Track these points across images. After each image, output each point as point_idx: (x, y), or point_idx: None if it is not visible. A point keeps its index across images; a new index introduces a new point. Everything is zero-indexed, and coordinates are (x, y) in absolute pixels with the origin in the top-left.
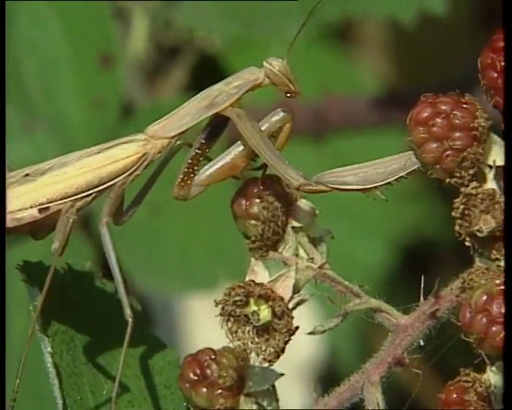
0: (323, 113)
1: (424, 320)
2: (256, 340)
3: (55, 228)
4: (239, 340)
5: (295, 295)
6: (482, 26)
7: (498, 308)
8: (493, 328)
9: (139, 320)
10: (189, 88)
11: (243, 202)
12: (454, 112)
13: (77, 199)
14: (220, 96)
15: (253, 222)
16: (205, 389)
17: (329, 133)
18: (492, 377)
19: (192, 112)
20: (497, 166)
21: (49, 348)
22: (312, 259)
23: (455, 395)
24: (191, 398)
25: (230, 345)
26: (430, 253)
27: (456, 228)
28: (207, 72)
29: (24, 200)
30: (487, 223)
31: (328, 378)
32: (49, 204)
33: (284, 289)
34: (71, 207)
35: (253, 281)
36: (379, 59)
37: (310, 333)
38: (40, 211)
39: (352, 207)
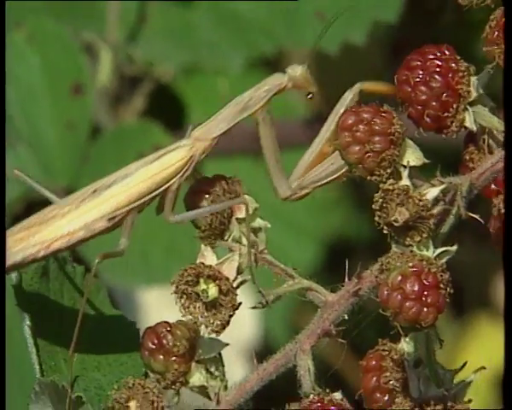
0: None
1: (348, 298)
2: (205, 314)
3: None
4: (191, 314)
5: (239, 276)
6: (394, 55)
7: (411, 287)
8: (406, 303)
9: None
10: (147, 113)
11: (194, 196)
12: (374, 119)
13: (139, 204)
14: (251, 100)
15: None
16: (161, 356)
17: None
18: (406, 346)
19: (229, 116)
20: (411, 166)
21: (28, 322)
22: (253, 245)
23: (374, 362)
24: (150, 364)
25: (183, 319)
26: (350, 250)
27: (376, 219)
28: (163, 98)
29: (95, 213)
30: (402, 214)
31: (265, 353)
32: (116, 212)
33: (229, 270)
34: (135, 210)
35: (202, 263)
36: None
37: (252, 308)
38: (109, 220)
39: (284, 212)
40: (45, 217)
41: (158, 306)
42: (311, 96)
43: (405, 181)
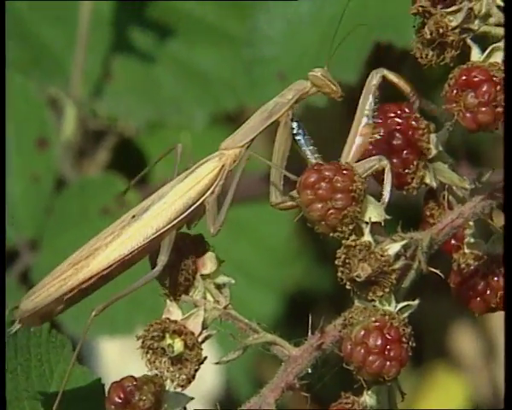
0: (224, 187)
1: (312, 352)
2: (171, 369)
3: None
4: (156, 369)
5: (204, 331)
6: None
7: (374, 341)
8: (370, 358)
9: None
10: (111, 166)
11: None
12: (336, 177)
13: (178, 222)
14: (276, 106)
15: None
16: None
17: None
18: (368, 399)
19: (256, 123)
20: (372, 222)
21: None
22: (218, 301)
23: None
24: None
25: (149, 373)
26: (312, 302)
27: (339, 274)
28: (126, 152)
29: (137, 237)
30: (364, 270)
31: (226, 404)
32: (157, 233)
33: (195, 325)
34: (174, 228)
35: (168, 318)
36: (267, 144)
37: (216, 363)
38: (150, 242)
39: (247, 265)
40: (90, 250)
41: (120, 355)
42: (334, 97)
43: (367, 237)
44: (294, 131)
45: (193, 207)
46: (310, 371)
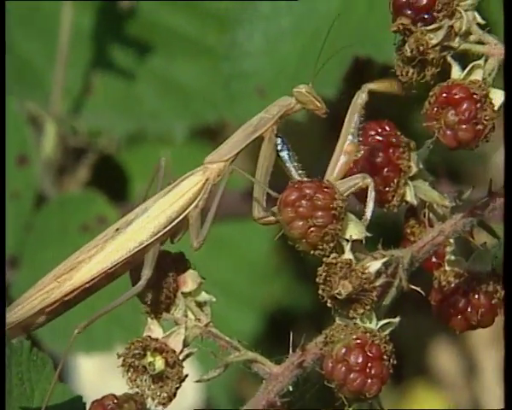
0: (207, 203)
1: (293, 369)
2: (152, 387)
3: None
4: (137, 387)
5: (185, 349)
6: (334, 131)
7: (355, 359)
8: (351, 375)
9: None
10: (91, 183)
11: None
12: (316, 194)
13: (161, 235)
14: (261, 121)
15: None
16: None
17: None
18: None
19: (241, 138)
20: (353, 240)
21: None
22: (199, 319)
23: None
24: None
25: (130, 391)
26: (292, 319)
27: (320, 292)
28: (107, 169)
29: (121, 250)
30: (345, 287)
31: None
32: (140, 246)
33: (176, 343)
34: (157, 241)
35: (149, 336)
36: (248, 160)
37: (197, 381)
38: (134, 254)
39: (228, 283)
40: (73, 263)
41: (100, 372)
42: (318, 113)
43: (348, 254)
44: (279, 147)
45: (176, 221)
46: (291, 388)
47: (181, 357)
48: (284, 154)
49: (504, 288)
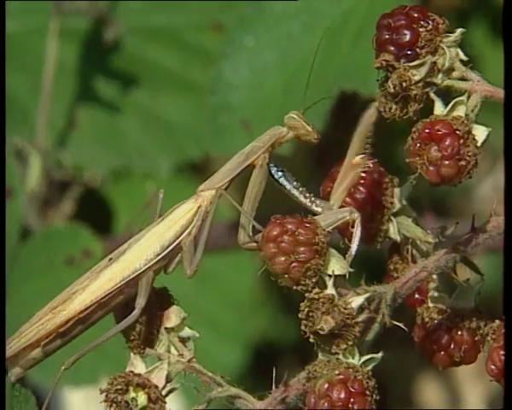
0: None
1: (276, 405)
2: None
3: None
4: None
5: (168, 384)
6: (319, 165)
7: (338, 394)
8: None
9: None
10: (76, 216)
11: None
12: (298, 230)
13: (155, 263)
14: (253, 150)
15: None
16: None
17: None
18: None
19: (233, 166)
20: (335, 275)
21: None
22: (182, 354)
23: None
24: None
25: None
26: (276, 352)
27: (302, 327)
28: (91, 203)
29: (114, 279)
30: (328, 323)
31: None
32: (134, 275)
33: (159, 379)
34: (151, 270)
35: (132, 372)
36: (235, 191)
37: None
38: (128, 284)
39: (211, 316)
40: (67, 295)
41: (85, 405)
42: (311, 141)
43: (330, 290)
44: (276, 176)
45: (170, 248)
46: None
47: (164, 392)
48: (283, 179)
49: (504, 291)
